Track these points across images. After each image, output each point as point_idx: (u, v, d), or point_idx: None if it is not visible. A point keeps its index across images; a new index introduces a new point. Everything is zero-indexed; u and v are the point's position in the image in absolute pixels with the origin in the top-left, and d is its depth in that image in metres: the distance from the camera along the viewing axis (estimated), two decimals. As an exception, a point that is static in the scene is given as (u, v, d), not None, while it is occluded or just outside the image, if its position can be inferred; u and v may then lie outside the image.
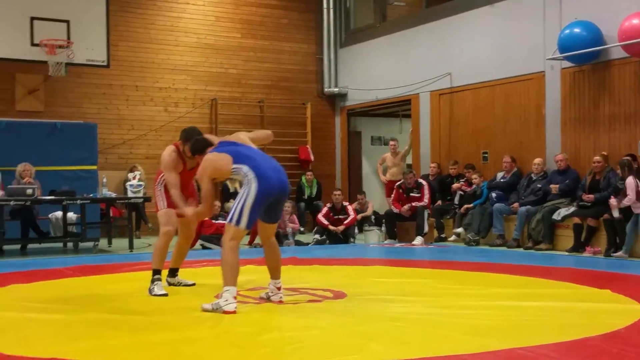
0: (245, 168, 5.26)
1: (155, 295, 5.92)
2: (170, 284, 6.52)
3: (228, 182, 14.43)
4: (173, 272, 6.62)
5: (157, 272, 6.12)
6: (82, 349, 3.95)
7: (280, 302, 5.52)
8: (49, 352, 3.84)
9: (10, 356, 3.80)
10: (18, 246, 10.98)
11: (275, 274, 5.63)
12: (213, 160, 5.46)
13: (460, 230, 11.67)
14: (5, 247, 10.65)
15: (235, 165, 5.31)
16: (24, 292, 6.36)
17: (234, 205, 5.25)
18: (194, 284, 6.56)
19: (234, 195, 14.12)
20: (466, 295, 5.91)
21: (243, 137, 5.70)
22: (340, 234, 11.87)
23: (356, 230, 12.54)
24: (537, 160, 11.26)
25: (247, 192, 5.20)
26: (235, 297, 5.09)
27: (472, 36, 13.14)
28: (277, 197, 5.36)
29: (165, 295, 5.93)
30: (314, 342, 4.18)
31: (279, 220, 5.65)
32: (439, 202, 12.59)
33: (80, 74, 13.69)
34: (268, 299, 5.60)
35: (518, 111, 12.28)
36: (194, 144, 5.83)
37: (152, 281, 6.06)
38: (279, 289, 5.61)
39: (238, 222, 5.19)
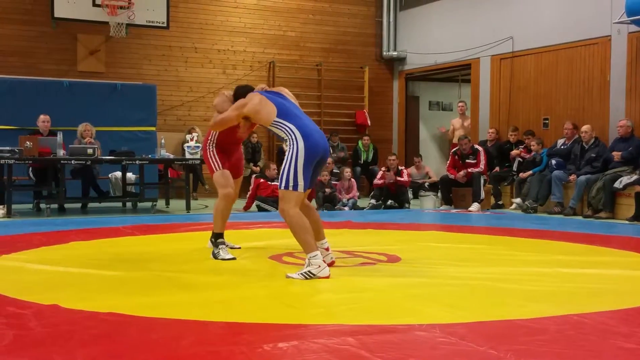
0: (290, 125, 5.04)
1: (223, 259, 5.76)
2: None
3: (284, 145, 14.48)
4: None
5: (219, 235, 5.97)
6: (138, 304, 4.01)
7: (332, 262, 5.37)
8: (107, 307, 3.91)
9: (70, 309, 3.88)
10: (79, 205, 11.23)
11: (318, 236, 5.34)
12: (257, 103, 5.18)
13: (518, 200, 11.49)
14: (67, 205, 10.90)
15: (278, 120, 5.08)
16: (84, 248, 6.49)
17: (284, 169, 4.98)
18: (239, 248, 6.39)
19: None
20: (522, 261, 5.82)
21: (288, 92, 5.50)
22: (395, 202, 11.81)
23: (411, 196, 12.45)
24: (585, 127, 10.99)
25: (296, 151, 4.95)
26: (324, 261, 4.94)
27: (535, -1, 12.83)
28: (320, 161, 5.14)
29: (233, 259, 5.78)
30: (367, 305, 4.17)
31: (313, 185, 5.35)
32: (497, 168, 12.42)
33: (141, 35, 13.83)
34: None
35: (581, 77, 11.97)
36: (237, 89, 5.60)
37: (216, 245, 5.91)
38: (327, 249, 5.41)
39: (295, 186, 4.96)
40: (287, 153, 5.04)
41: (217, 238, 5.96)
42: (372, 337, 3.33)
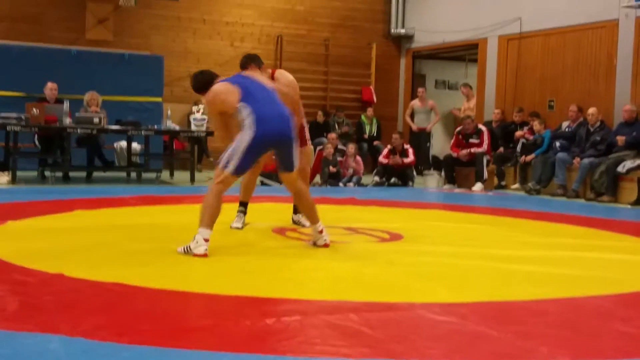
0: (246, 111, 4.90)
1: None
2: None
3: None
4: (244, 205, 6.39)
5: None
6: (143, 275, 4.05)
7: (326, 245, 5.22)
8: (112, 276, 3.94)
9: (75, 278, 3.92)
10: (83, 173, 11.26)
11: (312, 219, 5.26)
12: (218, 93, 5.09)
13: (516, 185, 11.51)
14: (71, 173, 10.93)
15: (241, 104, 4.94)
16: (89, 218, 6.54)
17: (228, 148, 4.95)
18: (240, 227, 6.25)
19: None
20: (525, 243, 5.85)
21: (260, 77, 5.30)
22: (399, 179, 11.85)
23: (415, 174, 12.47)
24: (592, 110, 10.95)
25: (242, 137, 4.88)
26: (206, 240, 4.74)
27: (545, -20, 12.75)
28: (276, 145, 5.02)
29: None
30: (369, 281, 4.21)
31: (293, 168, 5.10)
32: (501, 149, 12.41)
33: (150, 5, 13.80)
34: (315, 245, 5.28)
35: (588, 60, 11.94)
36: (193, 79, 5.42)
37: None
38: (320, 232, 5.24)
39: (226, 166, 4.88)
40: (237, 135, 4.95)
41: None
42: (374, 314, 3.37)
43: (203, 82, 5.29)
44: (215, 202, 4.88)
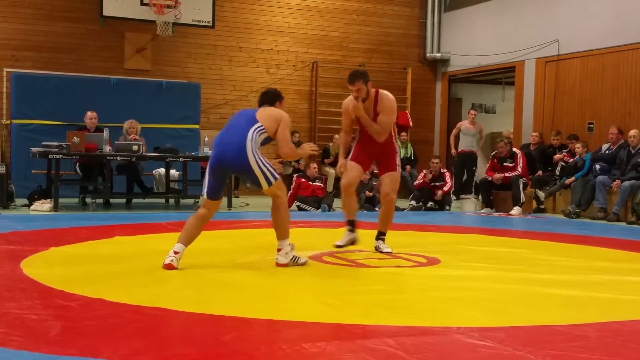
0: None
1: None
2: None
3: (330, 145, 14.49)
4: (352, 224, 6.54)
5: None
6: (181, 299, 4.10)
7: (278, 264, 5.38)
8: (151, 301, 3.99)
9: (115, 302, 3.98)
10: (123, 200, 11.42)
11: (278, 234, 5.45)
12: None
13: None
14: (112, 200, 11.09)
15: None
16: (128, 243, 6.62)
17: None
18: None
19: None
20: (563, 267, 5.79)
21: (262, 112, 5.54)
22: (436, 204, 11.80)
23: (452, 198, 12.41)
24: (633, 132, 10.84)
25: None
26: (176, 252, 5.19)
27: (582, 1, 12.68)
28: (229, 169, 5.44)
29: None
30: (406, 306, 4.20)
31: (261, 186, 5.33)
32: (540, 172, 12.31)
33: (186, 34, 14.01)
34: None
35: (628, 81, 11.83)
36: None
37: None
38: (278, 250, 5.44)
39: (202, 191, 5.44)
40: None
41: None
42: (410, 338, 3.36)
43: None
44: (191, 221, 5.40)
